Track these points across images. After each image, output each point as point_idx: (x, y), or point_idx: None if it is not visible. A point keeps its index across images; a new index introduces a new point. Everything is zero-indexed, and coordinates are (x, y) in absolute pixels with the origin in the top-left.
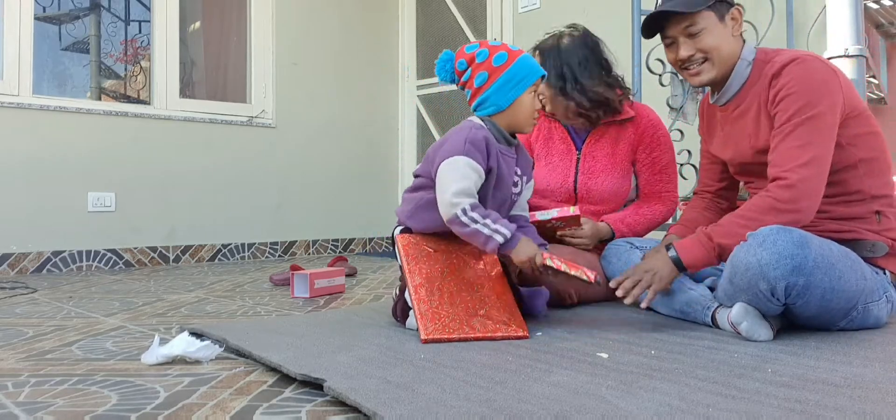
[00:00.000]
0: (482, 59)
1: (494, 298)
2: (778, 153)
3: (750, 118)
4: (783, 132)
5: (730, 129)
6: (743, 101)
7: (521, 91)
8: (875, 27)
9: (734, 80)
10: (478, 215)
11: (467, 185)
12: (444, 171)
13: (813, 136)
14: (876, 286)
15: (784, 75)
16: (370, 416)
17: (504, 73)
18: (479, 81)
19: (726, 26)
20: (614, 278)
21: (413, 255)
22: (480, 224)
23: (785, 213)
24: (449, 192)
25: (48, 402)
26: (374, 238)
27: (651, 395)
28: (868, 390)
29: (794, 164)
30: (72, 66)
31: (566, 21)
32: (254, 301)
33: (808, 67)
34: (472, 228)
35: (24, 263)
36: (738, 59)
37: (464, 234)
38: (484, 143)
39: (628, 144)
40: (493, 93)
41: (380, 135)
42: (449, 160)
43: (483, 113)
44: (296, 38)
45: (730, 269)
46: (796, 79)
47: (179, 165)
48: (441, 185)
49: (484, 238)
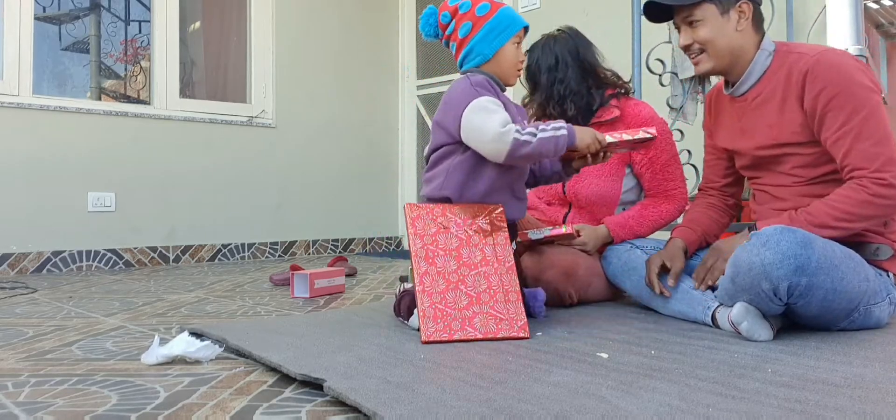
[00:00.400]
0: (465, 10)
1: (501, 294)
2: (855, 154)
3: (773, 108)
4: (849, 133)
5: (748, 120)
6: (764, 91)
7: (505, 40)
8: (875, 27)
9: (753, 70)
10: (533, 128)
11: (503, 115)
12: (473, 116)
13: (880, 128)
14: (879, 288)
15: (823, 73)
16: (370, 416)
17: (488, 22)
18: (464, 32)
19: (729, 20)
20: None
21: (420, 232)
22: (540, 134)
23: (882, 208)
24: (493, 128)
25: (48, 402)
26: (374, 238)
27: (651, 395)
28: (868, 390)
29: (881, 162)
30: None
31: (566, 21)
32: (254, 301)
33: (843, 62)
34: (537, 141)
35: (24, 263)
36: (756, 51)
37: (529, 152)
38: (487, 82)
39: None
40: (478, 42)
41: (380, 135)
42: (471, 105)
43: (469, 65)
44: (296, 38)
45: (732, 268)
46: (839, 75)
47: (179, 165)
48: (479, 129)
49: (553, 142)
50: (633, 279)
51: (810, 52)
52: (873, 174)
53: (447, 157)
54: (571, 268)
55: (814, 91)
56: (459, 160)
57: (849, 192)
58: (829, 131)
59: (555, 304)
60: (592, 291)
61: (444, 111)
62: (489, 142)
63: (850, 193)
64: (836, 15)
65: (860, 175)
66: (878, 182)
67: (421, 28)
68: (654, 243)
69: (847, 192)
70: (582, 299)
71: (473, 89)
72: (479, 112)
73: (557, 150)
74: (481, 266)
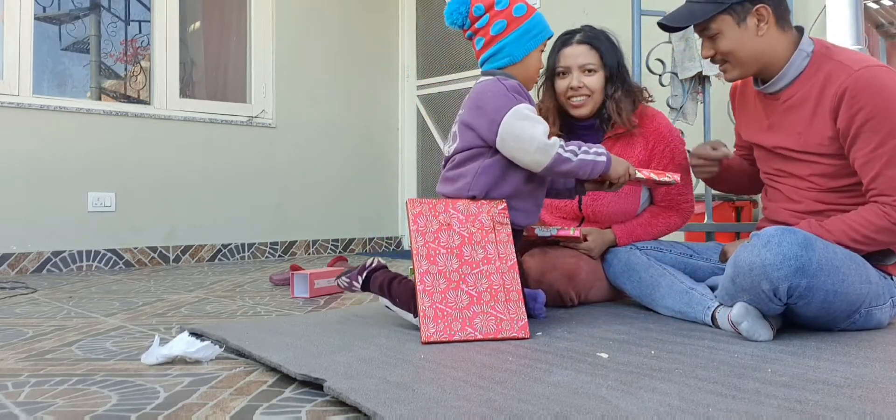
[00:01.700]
0: (502, 7)
1: (502, 294)
2: (882, 180)
3: (804, 114)
4: (881, 157)
5: (776, 119)
6: (796, 93)
7: (535, 45)
8: (875, 27)
9: (788, 71)
10: (575, 148)
11: (544, 125)
12: (514, 123)
13: None
14: (881, 290)
15: (863, 93)
16: (370, 416)
17: (523, 24)
18: (497, 29)
19: (748, 27)
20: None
21: (422, 229)
22: (581, 153)
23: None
24: (537, 138)
25: (48, 402)
26: (374, 238)
27: (651, 395)
28: (868, 390)
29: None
30: (72, 66)
31: (566, 21)
32: (254, 301)
33: (884, 81)
34: (577, 160)
35: (24, 263)
36: (793, 51)
37: (568, 169)
38: (520, 88)
39: (636, 161)
40: (510, 42)
41: (380, 135)
42: (513, 112)
43: (496, 64)
44: (296, 38)
45: (733, 269)
46: (878, 96)
47: (179, 165)
48: (522, 137)
49: (591, 165)
50: (633, 280)
51: (852, 66)
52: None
53: (475, 160)
54: (574, 270)
55: (851, 112)
56: (488, 163)
57: (870, 216)
58: (860, 152)
59: (556, 305)
60: (594, 294)
61: (477, 114)
62: (532, 152)
63: (871, 217)
64: (836, 15)
65: (885, 202)
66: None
67: (447, 13)
68: (654, 244)
69: (868, 216)
70: (582, 300)
71: (511, 95)
72: (521, 120)
73: (593, 173)
74: (483, 264)
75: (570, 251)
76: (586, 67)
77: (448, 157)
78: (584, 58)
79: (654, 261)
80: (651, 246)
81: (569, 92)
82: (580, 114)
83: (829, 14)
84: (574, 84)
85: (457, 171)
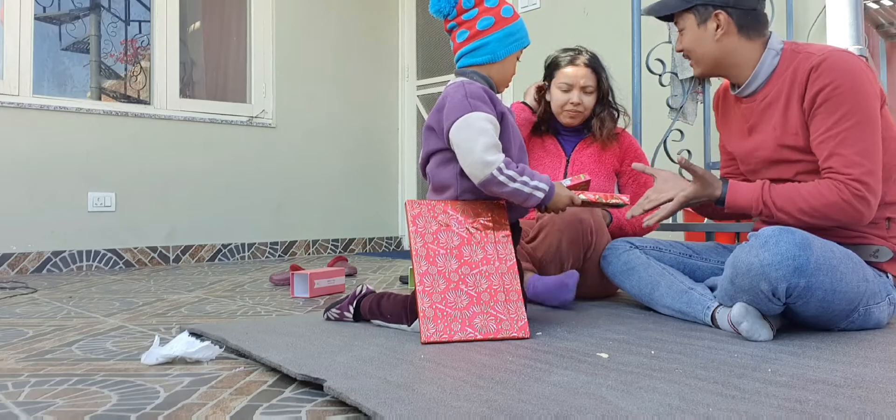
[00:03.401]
0: (492, 5)
1: (502, 294)
2: (836, 159)
3: (778, 109)
4: (835, 136)
5: (755, 121)
6: (771, 91)
7: (516, 49)
8: (875, 27)
9: (761, 70)
10: (514, 173)
11: (490, 139)
12: (460, 132)
13: (867, 139)
14: (878, 289)
15: (825, 72)
16: (370, 415)
17: (510, 25)
18: (484, 24)
19: (707, 30)
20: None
21: (421, 230)
22: (519, 182)
23: (850, 217)
24: (477, 152)
25: (48, 402)
26: (374, 238)
27: (651, 395)
28: (868, 390)
29: (861, 172)
30: (72, 66)
31: (566, 21)
32: (254, 301)
33: (848, 64)
34: (511, 188)
35: (24, 263)
36: (761, 54)
37: (502, 193)
38: (483, 93)
39: (614, 156)
40: (496, 40)
41: (380, 135)
42: (460, 120)
43: (475, 60)
44: (296, 38)
45: (731, 269)
46: (840, 76)
47: (179, 165)
48: (464, 148)
49: (525, 196)
50: (633, 280)
51: (818, 52)
52: (851, 182)
53: (447, 165)
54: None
55: (814, 89)
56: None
57: (823, 189)
58: (818, 131)
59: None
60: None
61: (437, 118)
62: (469, 164)
63: (824, 190)
64: (836, 15)
65: (838, 179)
66: (853, 191)
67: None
68: (653, 243)
69: (821, 189)
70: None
71: (467, 101)
72: (467, 129)
73: (526, 203)
74: (482, 265)
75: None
76: (586, 88)
77: (422, 165)
78: (585, 80)
79: (654, 260)
80: (651, 246)
81: (568, 105)
82: (570, 124)
83: (828, 14)
84: (574, 100)
85: (437, 181)
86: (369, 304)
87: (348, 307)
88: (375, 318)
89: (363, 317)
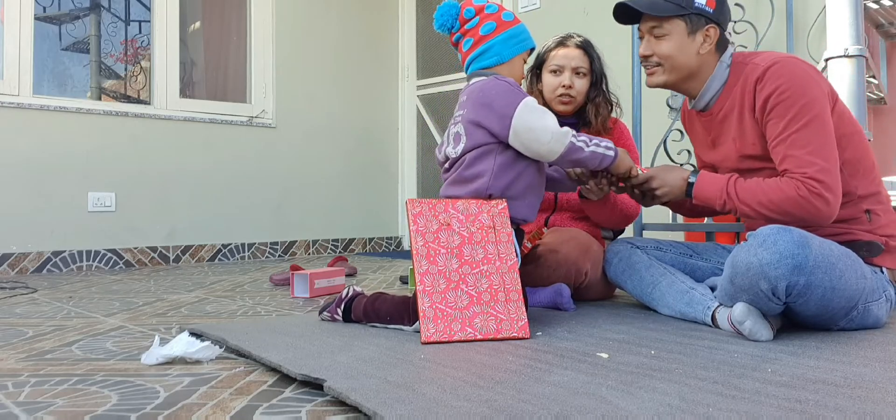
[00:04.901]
0: (491, 11)
1: (502, 294)
2: (790, 161)
3: (733, 121)
4: (787, 139)
5: (716, 134)
6: (725, 104)
7: (521, 50)
8: (875, 27)
9: (712, 84)
10: (586, 139)
11: (553, 116)
12: (527, 115)
13: (819, 137)
14: (876, 285)
15: (770, 79)
16: (370, 415)
17: (511, 28)
18: (486, 29)
19: (694, 41)
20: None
21: (422, 230)
22: (593, 144)
23: (809, 214)
24: (551, 128)
25: (48, 402)
26: (374, 238)
27: (651, 395)
28: (868, 390)
29: (815, 170)
30: (72, 66)
31: (566, 21)
32: (254, 301)
33: (792, 69)
34: (589, 150)
35: (24, 263)
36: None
37: (580, 158)
38: (515, 83)
39: None
40: (499, 42)
41: (380, 135)
42: (523, 104)
43: (483, 63)
44: (296, 38)
45: (730, 269)
46: (786, 81)
47: (179, 165)
48: (538, 127)
49: (600, 156)
50: (634, 279)
51: (763, 62)
52: (807, 180)
53: (486, 157)
54: (588, 243)
55: (762, 98)
56: (503, 161)
57: (783, 185)
58: (771, 136)
59: (568, 282)
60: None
61: (486, 111)
62: (547, 141)
63: (784, 186)
64: (836, 15)
65: (795, 177)
66: (810, 189)
67: (436, 17)
68: (655, 243)
69: (782, 185)
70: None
71: (516, 89)
72: (533, 111)
73: (601, 165)
74: (483, 265)
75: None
76: (578, 70)
77: (455, 160)
78: (577, 61)
79: (655, 260)
80: (651, 245)
81: (559, 89)
82: (563, 111)
83: (828, 14)
84: (566, 82)
85: (470, 171)
86: (364, 307)
87: (336, 310)
88: (372, 321)
89: (356, 320)
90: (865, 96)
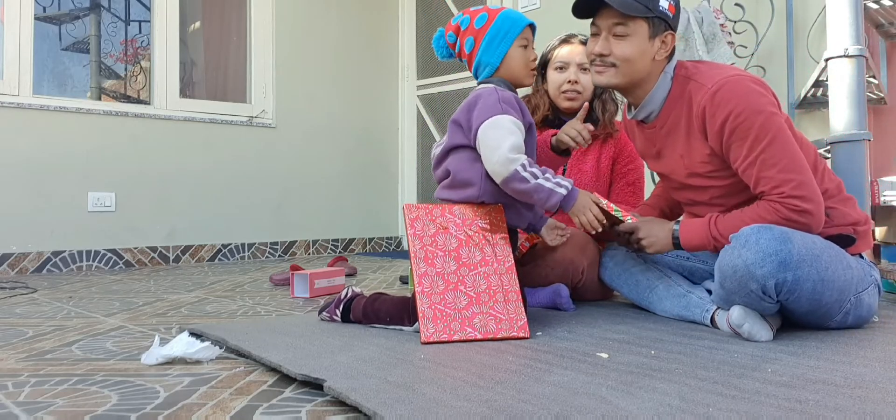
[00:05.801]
0: (465, 26)
1: (501, 294)
2: (764, 181)
3: (679, 137)
4: (755, 162)
5: (660, 147)
6: (668, 118)
7: (508, 45)
8: (875, 27)
9: (655, 94)
10: (537, 171)
11: (517, 140)
12: (489, 131)
13: (786, 152)
14: (863, 274)
15: (720, 105)
16: (370, 416)
17: (487, 33)
18: (469, 47)
19: (653, 46)
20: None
21: (419, 233)
22: (541, 179)
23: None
24: (503, 150)
25: (48, 402)
26: (374, 238)
27: (651, 395)
28: (868, 390)
29: (791, 187)
30: (72, 66)
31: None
32: (254, 301)
33: (739, 88)
34: (533, 184)
35: (24, 263)
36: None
37: (523, 190)
38: (515, 100)
39: (609, 158)
40: (483, 53)
41: (380, 135)
42: (491, 120)
43: (483, 76)
44: (296, 38)
45: (718, 274)
46: (737, 103)
47: (179, 165)
48: (491, 145)
49: (546, 193)
50: (630, 283)
51: (707, 84)
52: (785, 200)
53: (476, 162)
54: (586, 242)
55: (715, 126)
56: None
57: (762, 212)
58: (737, 161)
59: (565, 280)
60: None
61: (466, 114)
62: (494, 161)
63: (763, 213)
64: (836, 15)
65: (772, 199)
66: (790, 208)
67: (435, 50)
68: None
69: (761, 212)
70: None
71: (499, 105)
72: (496, 128)
73: (548, 205)
74: (481, 266)
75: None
76: (584, 66)
77: (441, 158)
78: (582, 57)
79: (652, 263)
80: None
81: (565, 85)
82: (569, 108)
83: (828, 14)
84: (572, 77)
85: (462, 178)
86: (363, 308)
87: (335, 311)
88: (371, 321)
89: (354, 321)
90: (865, 96)
